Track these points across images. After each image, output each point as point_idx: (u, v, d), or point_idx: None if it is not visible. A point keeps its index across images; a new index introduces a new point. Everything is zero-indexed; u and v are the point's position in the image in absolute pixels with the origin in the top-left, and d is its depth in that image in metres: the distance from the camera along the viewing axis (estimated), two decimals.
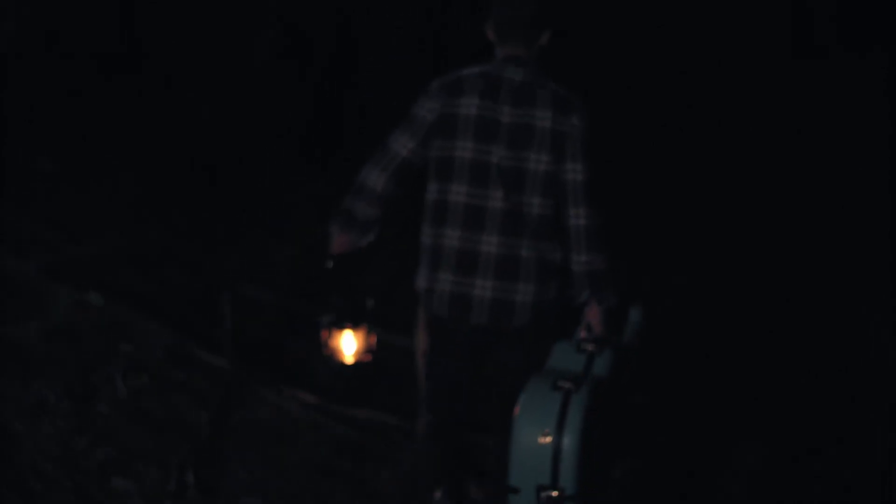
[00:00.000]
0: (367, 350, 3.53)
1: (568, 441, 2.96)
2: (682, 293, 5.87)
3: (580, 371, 3.11)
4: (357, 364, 3.51)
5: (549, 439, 2.97)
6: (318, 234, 6.05)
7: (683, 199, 7.26)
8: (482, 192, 3.11)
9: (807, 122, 8.17)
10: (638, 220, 6.26)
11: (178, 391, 4.38)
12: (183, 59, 8.22)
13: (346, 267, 3.34)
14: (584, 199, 3.10)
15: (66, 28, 7.71)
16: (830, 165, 7.84)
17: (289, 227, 6.53)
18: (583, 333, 3.20)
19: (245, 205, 6.53)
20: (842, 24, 8.49)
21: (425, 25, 9.32)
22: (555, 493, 2.98)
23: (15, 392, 4.12)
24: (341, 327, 3.48)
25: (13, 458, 3.75)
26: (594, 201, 3.12)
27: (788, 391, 5.37)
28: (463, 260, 3.12)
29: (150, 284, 5.27)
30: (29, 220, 5.60)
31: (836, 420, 4.94)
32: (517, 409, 3.02)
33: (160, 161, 6.67)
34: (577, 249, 3.13)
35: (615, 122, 5.45)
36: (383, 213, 3.24)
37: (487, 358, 3.28)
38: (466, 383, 3.31)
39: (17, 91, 6.87)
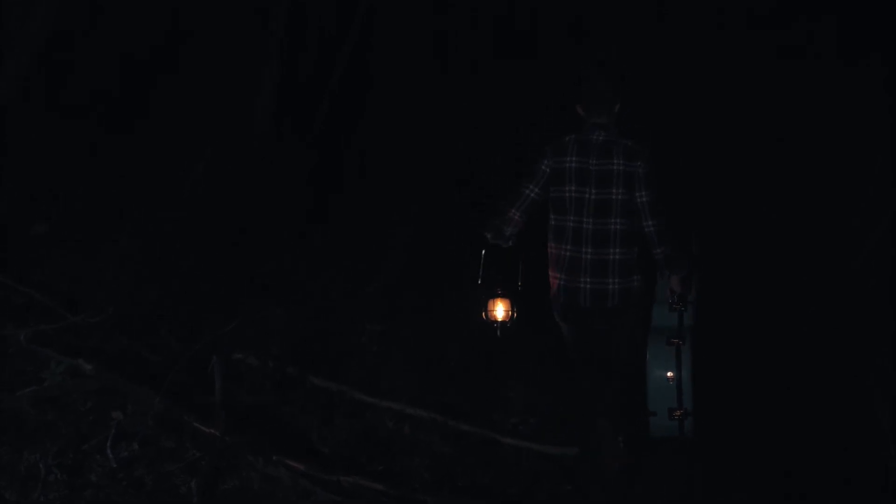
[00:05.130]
0: (512, 316, 4.90)
1: (685, 377, 4.74)
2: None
3: (676, 325, 4.87)
4: (504, 324, 4.90)
5: (671, 374, 4.75)
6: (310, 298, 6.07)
7: (679, 200, 7.27)
8: (582, 219, 4.55)
9: (806, 123, 8.16)
10: None
11: (169, 459, 4.41)
12: (180, 119, 8.27)
13: (500, 258, 4.75)
14: (652, 214, 4.51)
15: (62, 86, 7.78)
16: (830, 166, 7.86)
17: (282, 290, 6.57)
18: (668, 293, 4.77)
19: (238, 267, 6.57)
20: (841, 27, 8.48)
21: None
22: (680, 412, 4.73)
23: (7, 460, 4.15)
24: (496, 297, 4.90)
25: None
26: (659, 213, 4.51)
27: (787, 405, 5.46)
28: (572, 264, 4.58)
29: (142, 350, 5.30)
30: (23, 285, 5.64)
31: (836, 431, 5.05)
32: (647, 360, 4.81)
33: (155, 223, 6.71)
34: (653, 245, 4.54)
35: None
36: (520, 231, 4.67)
37: (595, 326, 4.65)
38: (584, 342, 4.71)
39: (9, 155, 6.93)
